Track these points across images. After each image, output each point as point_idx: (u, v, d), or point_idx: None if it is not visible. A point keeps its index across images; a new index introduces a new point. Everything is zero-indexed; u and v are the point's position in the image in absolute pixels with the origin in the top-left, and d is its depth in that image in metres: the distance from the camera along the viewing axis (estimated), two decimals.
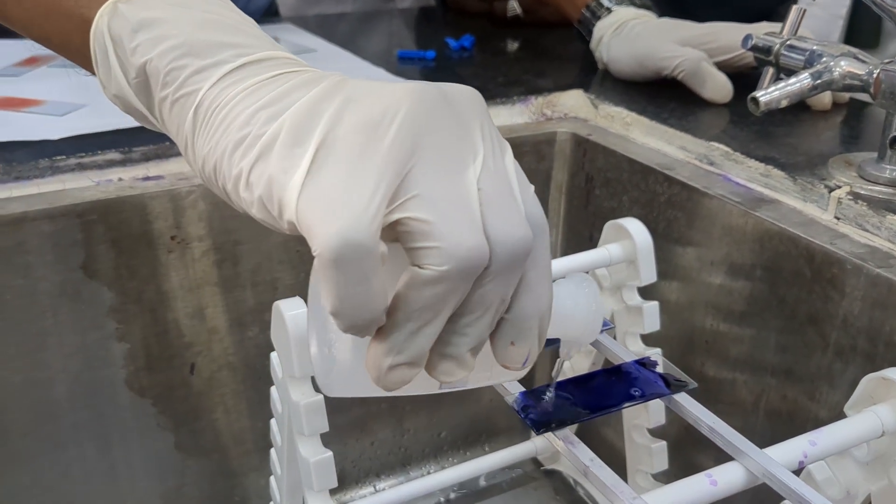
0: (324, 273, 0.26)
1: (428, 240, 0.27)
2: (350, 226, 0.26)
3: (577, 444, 0.36)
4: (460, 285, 0.27)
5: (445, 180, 0.27)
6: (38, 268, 0.55)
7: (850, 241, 0.52)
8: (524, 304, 0.29)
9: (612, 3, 0.82)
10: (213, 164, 0.30)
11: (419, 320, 0.28)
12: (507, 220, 0.28)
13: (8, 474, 0.59)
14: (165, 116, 0.33)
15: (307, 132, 0.28)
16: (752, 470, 0.35)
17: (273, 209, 0.28)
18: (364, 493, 0.76)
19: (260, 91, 0.30)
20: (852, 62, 0.56)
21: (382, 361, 0.28)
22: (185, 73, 0.32)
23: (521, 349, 0.30)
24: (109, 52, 0.34)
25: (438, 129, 0.28)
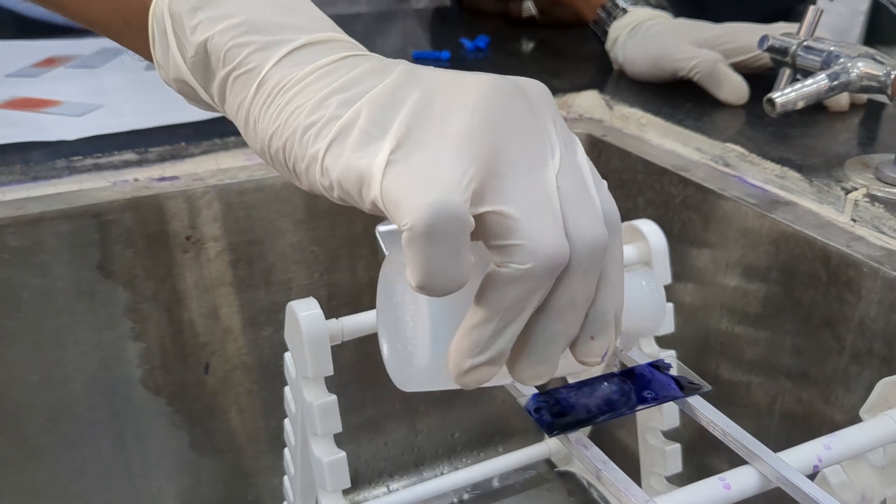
0: (415, 245, 0.26)
1: (512, 237, 0.27)
2: (444, 197, 0.26)
3: (590, 446, 0.36)
4: (543, 284, 0.27)
5: (528, 176, 0.28)
6: (55, 267, 0.56)
7: (867, 244, 0.52)
8: (603, 299, 0.30)
9: (627, 4, 0.82)
10: (281, 143, 0.30)
11: (503, 320, 0.28)
12: (586, 217, 0.28)
13: (25, 472, 0.60)
14: (225, 94, 0.33)
15: (388, 118, 0.28)
16: (766, 474, 0.35)
17: (352, 189, 0.28)
18: (377, 493, 0.76)
19: (331, 74, 0.31)
20: (870, 63, 0.55)
21: (464, 362, 0.28)
22: (246, 50, 0.32)
23: (601, 343, 0.30)
24: (168, 31, 0.35)
25: (518, 124, 0.28)
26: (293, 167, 0.30)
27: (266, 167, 0.62)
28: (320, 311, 0.44)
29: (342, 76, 0.30)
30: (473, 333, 0.28)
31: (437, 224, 0.26)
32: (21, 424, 0.58)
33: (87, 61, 0.83)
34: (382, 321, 0.33)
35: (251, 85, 0.32)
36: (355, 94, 0.29)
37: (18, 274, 0.55)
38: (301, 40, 0.32)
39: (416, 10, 1.20)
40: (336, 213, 0.64)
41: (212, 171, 0.61)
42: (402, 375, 0.32)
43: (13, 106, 0.70)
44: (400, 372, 0.32)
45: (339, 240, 0.65)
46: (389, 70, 0.30)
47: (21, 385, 0.57)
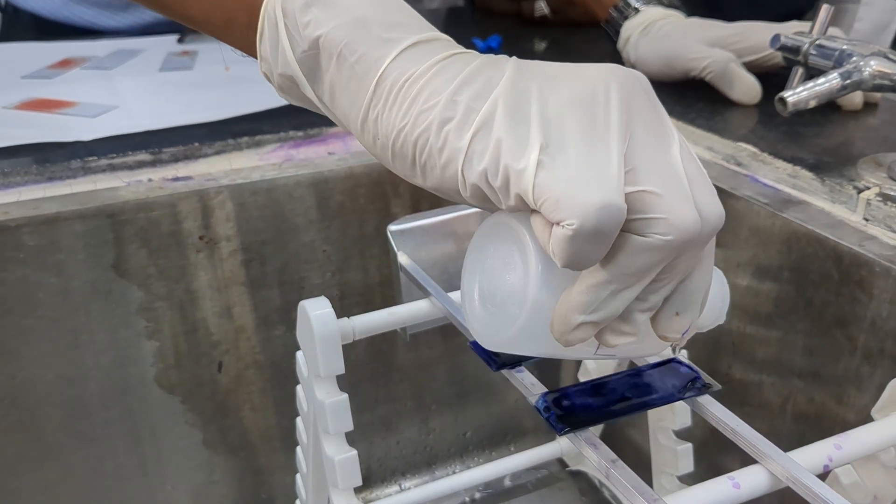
0: (577, 242, 0.27)
1: (655, 211, 0.28)
2: (610, 197, 0.27)
3: (600, 445, 0.36)
4: (672, 255, 0.29)
5: (660, 157, 0.29)
6: (70, 266, 0.56)
7: (879, 243, 0.52)
8: (697, 277, 0.31)
9: (639, 3, 0.82)
10: (413, 138, 0.31)
11: (623, 283, 0.29)
12: (710, 196, 0.29)
13: (41, 469, 0.60)
14: (337, 91, 0.34)
15: (523, 109, 0.29)
16: (776, 473, 0.35)
17: (497, 182, 0.29)
18: (389, 491, 0.76)
19: (450, 68, 0.31)
20: (882, 62, 0.55)
21: (574, 318, 0.29)
22: (363, 46, 0.33)
23: (684, 319, 0.31)
24: (280, 26, 0.35)
25: (641, 109, 0.30)
26: (425, 161, 0.31)
27: (279, 167, 0.62)
28: (332, 310, 0.44)
29: (461, 70, 0.31)
30: (592, 292, 0.29)
31: (604, 225, 0.27)
32: (37, 422, 0.59)
33: (102, 63, 0.84)
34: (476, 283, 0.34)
35: (371, 81, 0.32)
36: (483, 87, 0.30)
37: (35, 273, 0.55)
38: (413, 38, 0.33)
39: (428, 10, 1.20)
40: (348, 213, 0.64)
41: (225, 171, 0.62)
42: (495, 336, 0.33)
43: (29, 107, 0.71)
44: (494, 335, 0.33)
45: (351, 239, 0.65)
46: (503, 64, 0.31)
47: (37, 383, 0.58)
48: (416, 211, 0.56)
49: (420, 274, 0.50)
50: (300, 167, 0.62)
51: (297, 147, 0.65)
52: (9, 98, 0.72)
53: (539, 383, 0.40)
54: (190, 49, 0.90)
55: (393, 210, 0.65)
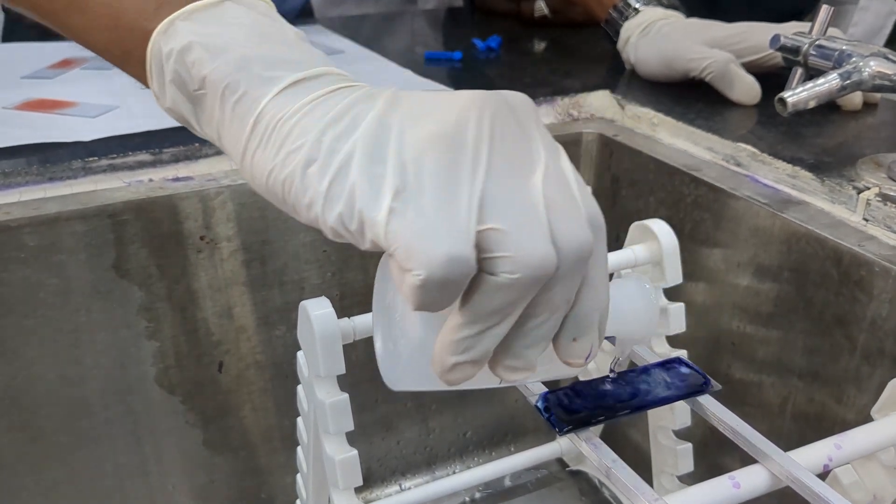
0: (425, 291, 0.27)
1: (502, 249, 0.27)
2: (457, 249, 0.27)
3: (600, 445, 0.36)
4: (530, 291, 0.28)
5: (516, 188, 0.28)
6: (71, 267, 0.57)
7: (879, 243, 0.52)
8: (586, 301, 0.30)
9: (639, 4, 0.82)
10: (281, 178, 0.31)
11: (487, 322, 0.29)
12: (572, 224, 0.29)
13: (42, 469, 0.60)
14: (222, 129, 0.34)
15: (380, 150, 0.29)
16: (776, 473, 0.35)
17: (352, 226, 0.29)
18: (390, 491, 0.76)
19: (322, 106, 0.31)
20: (882, 62, 0.55)
21: (447, 359, 0.29)
22: (243, 86, 0.33)
23: (583, 345, 0.31)
24: (165, 66, 0.35)
25: (504, 137, 0.29)
26: (293, 202, 0.31)
27: None
28: (332, 310, 0.44)
29: (332, 108, 0.31)
30: (458, 332, 0.29)
31: (451, 275, 0.27)
32: (38, 422, 0.59)
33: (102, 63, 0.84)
34: (376, 320, 0.34)
35: (248, 120, 0.32)
36: (348, 127, 0.30)
37: (36, 274, 0.56)
38: (295, 76, 0.32)
39: (426, 10, 1.20)
40: None
41: (225, 171, 0.62)
42: (392, 374, 0.33)
43: (29, 107, 0.71)
44: (390, 370, 0.33)
45: None
46: (376, 98, 0.31)
47: (38, 383, 0.58)
48: None
49: None
50: None
51: None
52: (9, 98, 0.72)
53: (539, 383, 0.40)
54: None
55: None
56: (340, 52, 0.89)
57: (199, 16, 0.35)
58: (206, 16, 0.35)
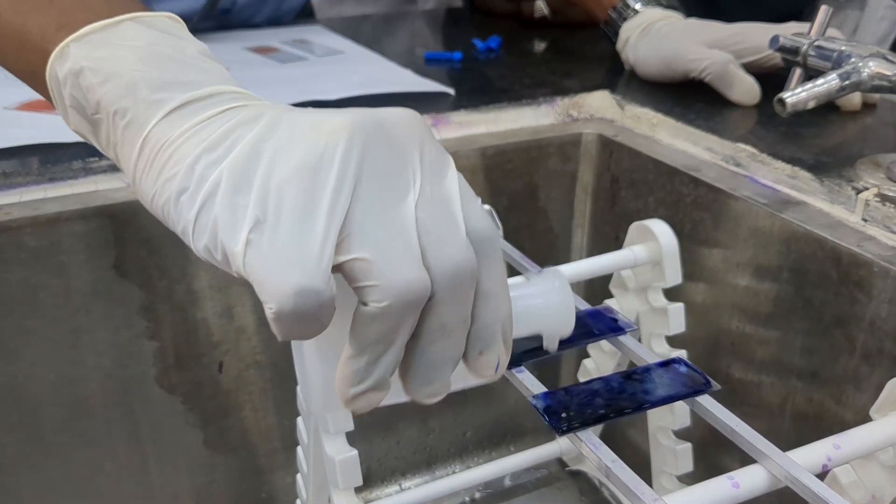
0: (281, 323, 0.27)
1: (368, 278, 0.27)
2: (306, 282, 0.27)
3: (600, 445, 0.36)
4: (405, 317, 0.28)
5: (383, 215, 0.28)
6: (71, 267, 0.57)
7: (878, 244, 0.52)
8: (484, 315, 0.31)
9: (639, 4, 0.82)
10: (160, 206, 0.31)
11: (374, 352, 0.29)
12: (447, 246, 0.29)
13: (42, 469, 0.60)
14: (117, 153, 0.34)
15: (247, 179, 0.29)
16: (775, 473, 0.35)
17: (218, 256, 0.29)
18: (390, 491, 0.76)
19: (204, 131, 0.31)
20: (881, 63, 0.55)
21: (347, 391, 0.30)
22: (131, 111, 0.32)
23: (490, 357, 0.31)
24: (63, 90, 0.35)
25: (376, 162, 0.29)
26: (173, 229, 0.31)
27: None
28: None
29: (212, 133, 0.30)
30: (351, 365, 0.29)
31: (302, 308, 0.27)
32: (39, 422, 0.59)
33: None
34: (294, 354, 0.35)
35: (136, 145, 0.32)
36: (222, 153, 0.30)
37: (36, 274, 0.56)
38: (185, 97, 0.32)
39: (425, 11, 1.20)
40: None
41: None
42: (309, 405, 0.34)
43: (30, 108, 0.71)
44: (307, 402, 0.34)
45: None
46: (258, 121, 0.31)
47: (38, 383, 0.58)
48: None
49: None
50: None
51: None
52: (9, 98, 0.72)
53: (539, 383, 0.40)
54: None
55: None
56: (340, 53, 0.89)
57: (92, 37, 0.34)
58: (99, 38, 0.34)
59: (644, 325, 0.58)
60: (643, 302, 0.58)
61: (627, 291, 0.58)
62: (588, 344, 0.50)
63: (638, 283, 0.57)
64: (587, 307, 0.46)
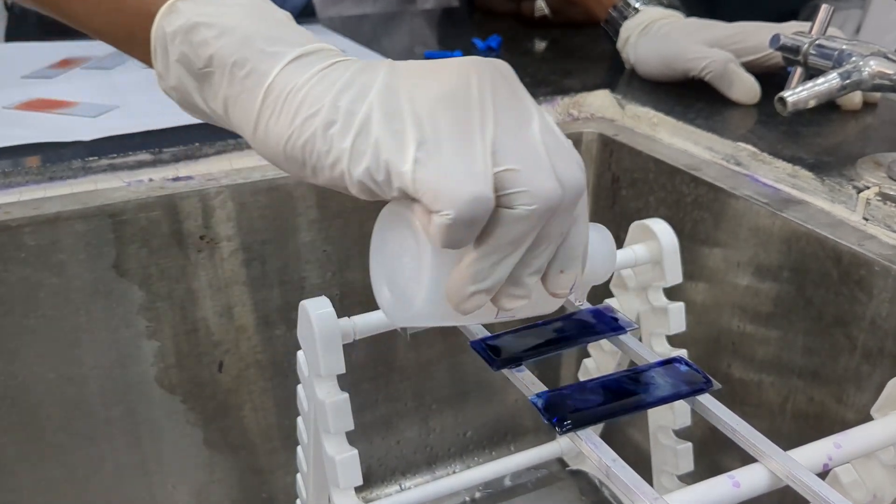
0: (453, 229, 0.31)
1: (517, 185, 0.31)
2: (479, 188, 0.30)
3: (600, 444, 0.36)
4: (540, 221, 0.32)
5: (519, 136, 0.32)
6: (71, 266, 0.57)
7: (879, 243, 0.52)
8: (574, 236, 0.35)
9: (639, 3, 0.82)
10: (301, 143, 0.33)
11: (503, 252, 0.32)
12: (570, 165, 0.33)
13: (42, 468, 0.60)
14: (230, 104, 0.36)
15: (396, 109, 0.32)
16: (776, 472, 0.35)
17: (379, 177, 0.32)
18: (390, 491, 0.76)
19: (329, 76, 0.34)
20: (882, 62, 0.55)
21: (466, 288, 0.33)
22: (251, 61, 0.35)
23: (569, 275, 0.35)
24: (170, 46, 0.37)
25: (502, 95, 0.33)
26: (315, 163, 0.34)
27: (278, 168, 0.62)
28: (332, 309, 0.44)
29: (340, 77, 0.34)
30: (476, 264, 0.32)
31: (476, 213, 0.31)
32: (39, 421, 0.59)
33: (102, 62, 0.84)
34: (378, 271, 0.37)
35: (258, 93, 0.35)
36: (360, 91, 0.33)
37: (36, 273, 0.56)
38: (296, 51, 0.35)
39: (425, 10, 1.20)
40: (348, 213, 0.64)
41: (225, 171, 0.62)
42: (404, 315, 0.36)
43: (30, 107, 0.71)
44: (401, 312, 0.36)
45: (352, 239, 0.65)
46: (377, 67, 0.34)
47: (39, 382, 0.58)
48: None
49: None
50: None
51: None
52: (9, 98, 0.72)
53: (539, 382, 0.40)
54: None
55: None
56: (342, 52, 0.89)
57: None
58: None
59: (644, 325, 0.58)
60: (644, 301, 0.58)
61: (628, 291, 0.58)
62: (588, 343, 0.50)
63: (638, 283, 0.57)
64: (588, 306, 0.46)
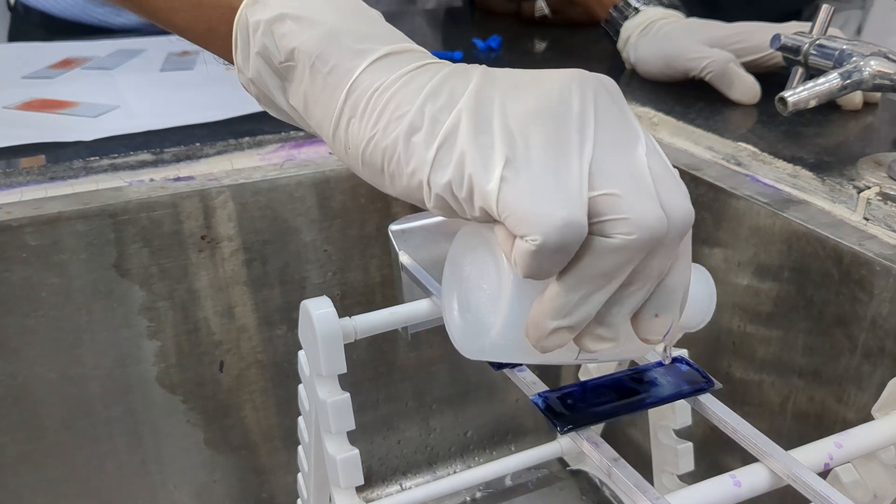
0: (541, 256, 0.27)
1: (616, 212, 0.28)
2: (572, 215, 0.27)
3: (602, 444, 0.36)
4: (638, 255, 0.29)
5: (622, 158, 0.29)
6: (72, 266, 0.57)
7: (879, 243, 0.52)
8: (675, 276, 0.31)
9: (639, 3, 0.82)
10: (382, 147, 0.31)
11: (593, 286, 0.29)
12: (677, 194, 0.29)
13: (43, 468, 0.60)
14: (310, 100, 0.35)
15: (486, 121, 0.30)
16: (777, 471, 0.35)
17: (462, 193, 0.29)
18: (391, 491, 0.76)
19: (418, 79, 0.32)
20: (882, 61, 0.55)
21: (547, 323, 0.29)
22: (335, 58, 0.33)
23: (664, 320, 0.31)
24: (252, 38, 0.36)
25: (606, 110, 0.30)
26: (394, 170, 0.31)
27: (280, 167, 0.62)
28: (334, 309, 0.44)
29: (428, 80, 0.32)
30: (563, 297, 0.29)
31: (566, 240, 0.27)
32: (40, 421, 0.59)
33: (103, 63, 0.84)
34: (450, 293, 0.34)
35: (341, 91, 0.33)
36: (448, 98, 0.31)
37: (37, 273, 0.56)
38: (385, 49, 0.33)
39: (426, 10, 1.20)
40: (349, 213, 0.65)
41: (226, 171, 0.62)
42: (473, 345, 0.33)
43: (30, 107, 0.71)
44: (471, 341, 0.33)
45: (353, 239, 0.65)
46: (470, 73, 0.32)
47: (39, 382, 0.58)
48: (416, 211, 0.57)
49: (421, 273, 0.50)
50: (301, 167, 0.62)
51: (298, 147, 0.65)
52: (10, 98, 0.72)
53: (540, 382, 0.40)
54: (191, 49, 0.90)
55: (394, 210, 0.65)
56: None
57: None
58: None
59: None
60: None
61: None
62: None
63: None
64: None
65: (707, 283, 0.37)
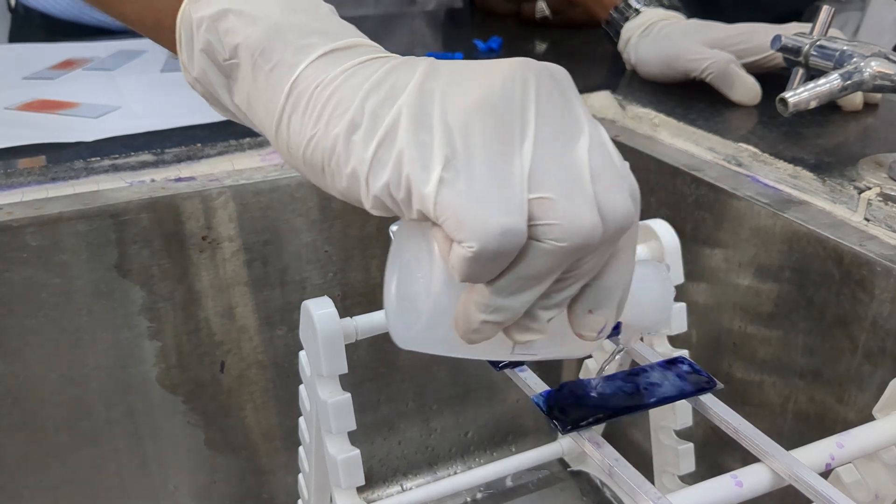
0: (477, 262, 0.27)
1: (549, 217, 0.27)
2: (510, 219, 0.26)
3: (603, 444, 0.36)
4: (571, 259, 0.28)
5: (561, 156, 0.28)
6: (73, 267, 0.57)
7: (880, 243, 0.52)
8: (612, 274, 0.30)
9: (640, 4, 0.82)
10: (322, 146, 0.30)
11: (524, 286, 0.28)
12: (617, 194, 0.28)
13: (43, 469, 0.60)
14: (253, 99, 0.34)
15: (426, 117, 0.29)
16: (778, 471, 0.35)
17: (399, 195, 0.28)
18: (391, 491, 0.76)
19: (360, 73, 0.31)
20: (883, 62, 0.55)
21: (475, 316, 0.29)
22: (278, 54, 0.32)
23: (599, 317, 0.30)
24: (196, 34, 0.35)
25: (549, 103, 0.29)
26: (334, 170, 0.30)
27: (281, 168, 0.62)
28: (334, 309, 0.44)
29: (371, 75, 0.30)
30: (493, 293, 0.28)
31: (504, 248, 0.27)
32: (41, 422, 0.59)
33: (104, 63, 0.84)
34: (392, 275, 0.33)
35: (283, 88, 0.32)
36: (389, 93, 0.30)
37: (38, 273, 0.56)
38: (330, 45, 0.32)
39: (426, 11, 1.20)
40: (350, 214, 0.65)
41: (227, 171, 0.62)
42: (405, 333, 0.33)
43: (31, 108, 0.71)
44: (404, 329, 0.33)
45: (353, 240, 0.65)
46: (414, 65, 0.31)
47: (40, 383, 0.58)
48: None
49: None
50: None
51: None
52: (11, 99, 0.72)
53: (541, 382, 0.40)
54: None
55: None
56: None
57: None
58: None
59: None
60: None
61: None
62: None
63: None
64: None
65: (664, 282, 0.36)
